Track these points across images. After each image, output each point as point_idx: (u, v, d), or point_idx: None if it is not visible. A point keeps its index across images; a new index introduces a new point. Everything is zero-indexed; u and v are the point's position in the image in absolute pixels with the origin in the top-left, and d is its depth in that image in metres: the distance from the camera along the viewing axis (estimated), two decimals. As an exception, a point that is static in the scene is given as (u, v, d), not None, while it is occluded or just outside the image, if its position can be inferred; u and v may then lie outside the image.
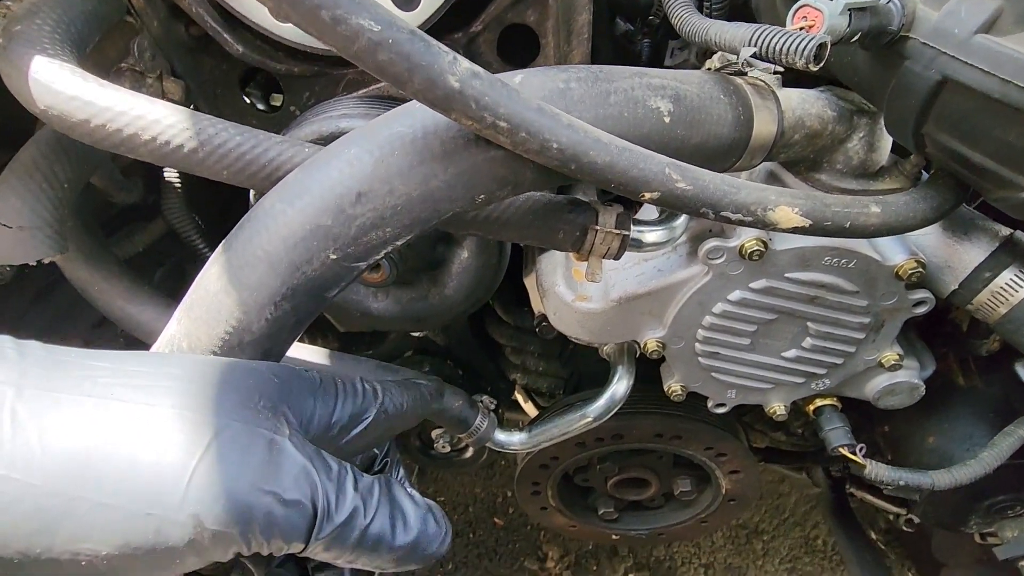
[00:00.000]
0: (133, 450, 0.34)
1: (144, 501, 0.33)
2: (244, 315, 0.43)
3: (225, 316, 0.43)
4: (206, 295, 0.44)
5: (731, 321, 0.65)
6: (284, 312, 0.44)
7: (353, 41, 0.33)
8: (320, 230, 0.41)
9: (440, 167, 0.41)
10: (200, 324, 0.45)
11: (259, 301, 0.43)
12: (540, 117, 0.38)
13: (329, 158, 0.42)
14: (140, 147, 0.46)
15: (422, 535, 0.40)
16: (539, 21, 0.62)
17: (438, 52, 0.35)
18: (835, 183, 0.59)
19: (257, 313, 0.43)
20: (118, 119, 0.45)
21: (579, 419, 0.74)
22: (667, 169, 0.43)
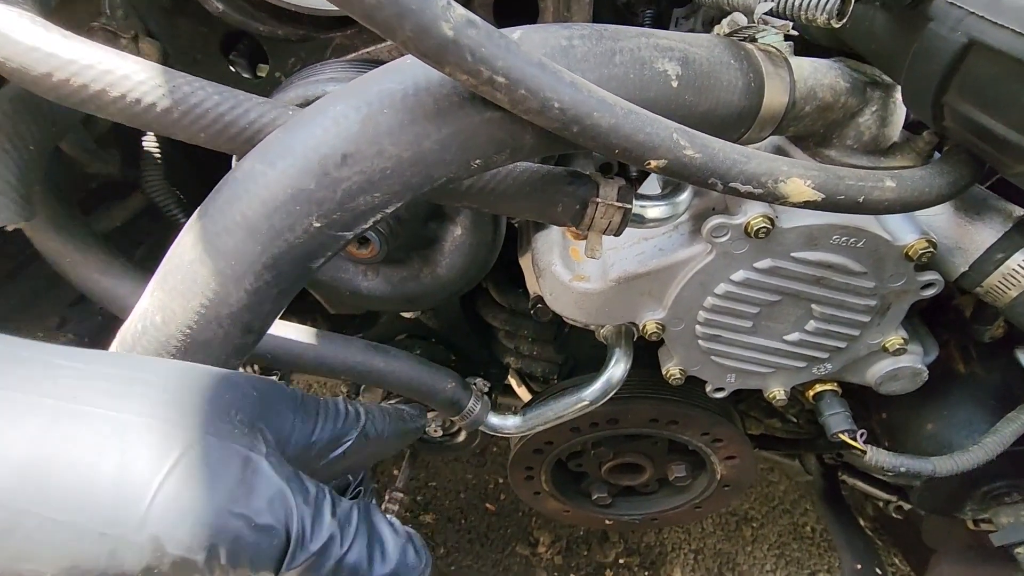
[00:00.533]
0: (92, 461, 0.30)
1: (100, 519, 0.30)
2: (221, 286, 0.40)
3: (201, 287, 0.40)
4: (180, 264, 0.41)
5: (733, 303, 0.63)
6: (265, 283, 0.41)
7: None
8: (303, 194, 0.38)
9: (433, 127, 0.38)
10: (175, 296, 0.42)
11: (237, 271, 0.40)
12: (541, 73, 0.36)
13: (313, 116, 0.39)
14: (108, 105, 0.42)
15: (400, 566, 0.38)
16: (538, -16, 0.59)
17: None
18: (845, 159, 0.56)
19: (235, 284, 0.40)
20: (83, 73, 0.41)
21: (575, 403, 0.72)
22: (675, 135, 0.40)
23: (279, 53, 0.64)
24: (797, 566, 1.87)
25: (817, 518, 1.96)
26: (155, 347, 0.43)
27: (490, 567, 1.77)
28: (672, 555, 1.84)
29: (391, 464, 1.81)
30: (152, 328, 0.43)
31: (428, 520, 1.85)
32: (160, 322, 0.42)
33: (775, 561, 1.86)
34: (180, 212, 0.75)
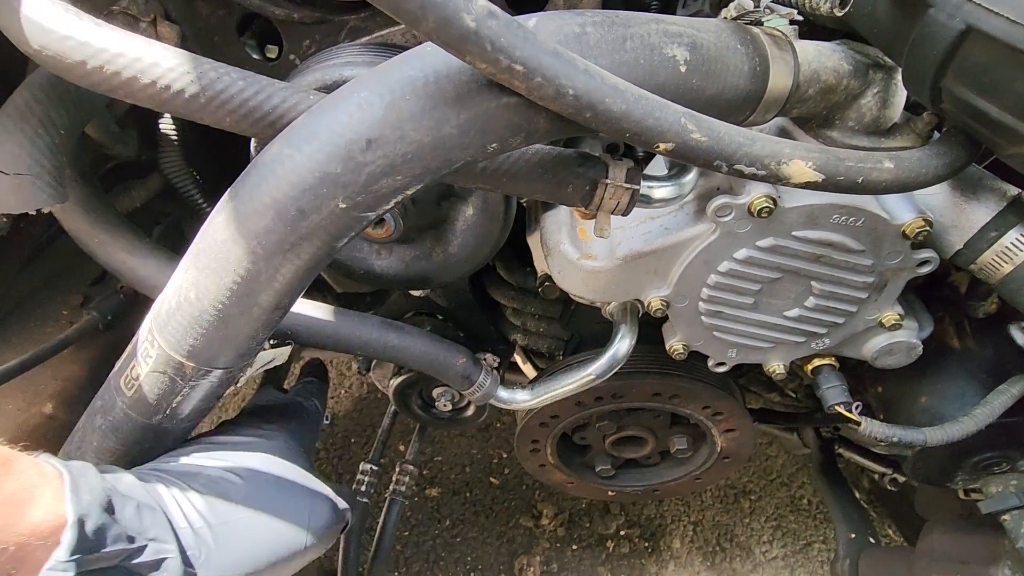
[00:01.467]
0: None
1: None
2: (252, 264, 0.42)
3: (233, 265, 0.43)
4: (214, 243, 0.43)
5: (736, 280, 0.65)
6: (292, 262, 0.43)
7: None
8: (329, 177, 0.40)
9: (452, 113, 0.40)
10: (208, 273, 0.44)
11: (268, 250, 0.42)
12: (557, 62, 0.37)
13: (338, 102, 0.41)
14: (139, 91, 0.44)
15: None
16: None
17: (456, -12, 0.34)
18: (847, 140, 0.58)
19: (265, 263, 0.42)
20: (115, 61, 0.43)
21: (582, 377, 0.75)
22: (683, 119, 0.42)
23: (294, 36, 0.66)
24: (793, 537, 1.93)
25: (813, 491, 2.01)
26: (189, 321, 0.46)
27: (494, 539, 1.82)
28: (672, 527, 1.90)
29: (399, 439, 1.86)
30: (186, 304, 0.45)
31: (434, 493, 1.90)
32: (194, 298, 0.45)
33: (772, 532, 1.92)
34: (197, 192, 0.77)
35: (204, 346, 0.47)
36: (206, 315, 0.45)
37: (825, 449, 1.33)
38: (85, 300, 0.82)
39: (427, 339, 0.72)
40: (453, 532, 1.84)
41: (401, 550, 1.77)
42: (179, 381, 0.49)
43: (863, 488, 1.92)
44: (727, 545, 1.88)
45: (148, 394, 0.50)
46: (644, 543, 1.85)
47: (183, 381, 0.49)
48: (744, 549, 1.87)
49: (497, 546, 1.81)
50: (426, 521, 1.84)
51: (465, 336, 1.04)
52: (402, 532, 1.79)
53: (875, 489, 1.89)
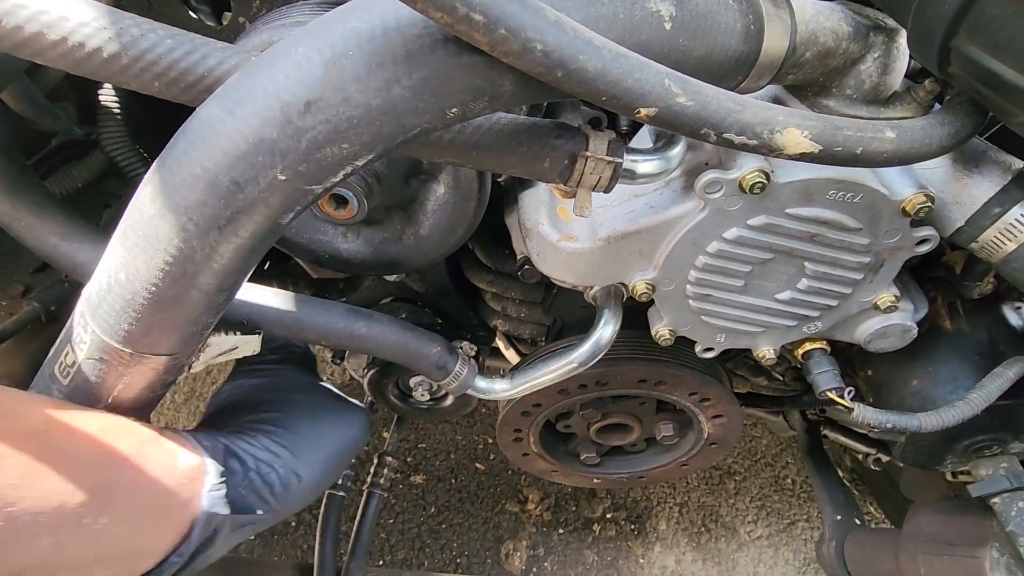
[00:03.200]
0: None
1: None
2: (184, 242, 0.37)
3: (163, 243, 0.38)
4: (140, 220, 0.38)
5: (726, 261, 0.61)
6: (230, 239, 0.38)
7: None
8: (265, 144, 0.35)
9: (404, 71, 0.35)
10: (136, 252, 0.39)
11: (201, 226, 0.37)
12: (522, 11, 0.32)
13: (273, 59, 0.35)
14: (47, 49, 0.39)
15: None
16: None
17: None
18: (845, 109, 0.54)
19: (199, 240, 0.37)
20: (16, 13, 0.37)
21: (563, 365, 0.71)
22: (666, 81, 0.37)
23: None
24: (778, 516, 1.94)
25: (797, 470, 2.02)
26: (121, 304, 0.41)
27: (480, 524, 1.81)
28: (658, 509, 1.90)
29: (379, 427, 1.82)
30: (117, 286, 0.40)
31: (419, 481, 1.88)
32: (124, 279, 0.40)
33: (757, 512, 1.93)
34: (143, 170, 0.71)
35: (141, 331, 0.42)
36: (139, 298, 0.40)
37: (811, 431, 1.32)
38: (26, 290, 0.76)
39: (398, 327, 0.68)
40: (438, 519, 1.82)
41: (386, 538, 1.75)
42: (118, 368, 0.44)
43: (846, 467, 1.94)
44: (712, 526, 1.88)
45: (86, 382, 0.45)
46: (630, 526, 1.85)
47: (122, 368, 0.44)
48: (729, 529, 1.88)
49: (483, 532, 1.80)
50: (411, 508, 1.82)
51: (444, 322, 0.99)
52: (386, 520, 1.76)
53: (858, 468, 1.90)
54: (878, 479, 1.71)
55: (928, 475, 1.12)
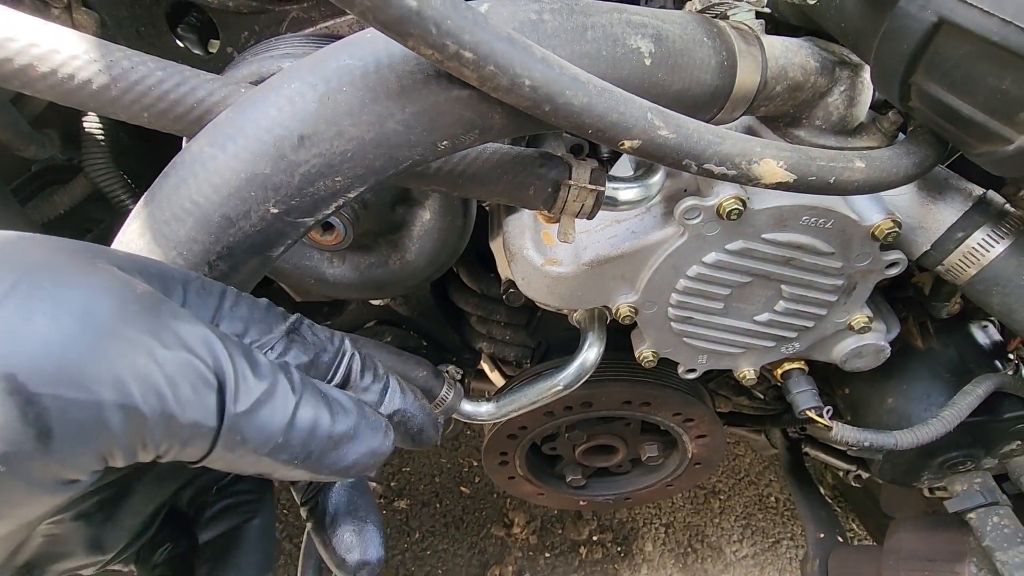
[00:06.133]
0: None
1: None
2: (172, 278, 0.37)
3: (149, 279, 0.38)
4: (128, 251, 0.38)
5: (705, 284, 0.63)
6: (221, 274, 0.38)
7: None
8: (257, 179, 0.35)
9: (396, 106, 0.36)
10: (121, 289, 0.39)
11: (190, 261, 0.37)
12: (511, 48, 0.34)
13: (266, 94, 0.36)
14: (36, 81, 0.39)
15: (363, 421, 0.31)
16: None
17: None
18: (814, 139, 0.57)
19: (188, 275, 0.37)
20: (6, 46, 0.37)
21: (549, 388, 0.71)
22: (649, 115, 0.39)
23: (231, 27, 0.60)
24: (763, 535, 1.95)
25: (780, 488, 2.04)
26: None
27: (466, 550, 1.78)
28: (644, 530, 1.89)
29: (363, 452, 1.79)
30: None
31: (403, 506, 1.85)
32: (106, 317, 0.39)
33: (742, 531, 1.93)
34: (128, 197, 0.70)
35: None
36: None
37: (793, 449, 1.34)
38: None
39: (383, 351, 0.68)
40: (423, 545, 1.78)
41: (368, 567, 1.71)
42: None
43: (827, 484, 1.96)
44: (698, 546, 1.88)
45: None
46: (616, 548, 1.84)
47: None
48: (715, 549, 1.88)
49: (468, 557, 1.77)
50: (395, 535, 1.78)
51: (429, 345, 0.99)
52: (368, 548, 1.72)
53: (839, 485, 1.93)
54: (859, 495, 1.73)
55: (906, 492, 1.14)
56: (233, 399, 0.26)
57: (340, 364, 0.35)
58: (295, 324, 0.34)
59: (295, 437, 0.28)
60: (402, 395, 0.37)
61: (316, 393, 0.30)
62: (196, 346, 0.25)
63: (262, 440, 0.27)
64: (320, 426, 0.29)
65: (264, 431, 0.27)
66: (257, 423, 0.27)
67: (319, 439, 0.29)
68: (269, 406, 0.27)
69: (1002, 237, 0.56)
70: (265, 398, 0.27)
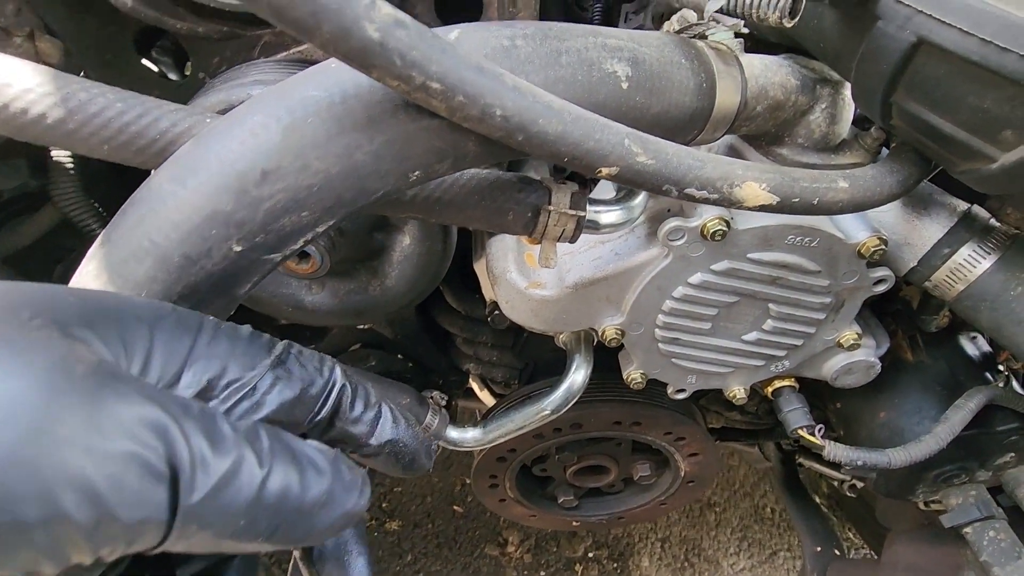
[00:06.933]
0: None
1: None
2: (130, 320, 0.35)
3: (107, 322, 0.36)
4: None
5: (692, 305, 0.62)
6: (183, 314, 0.37)
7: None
8: (219, 216, 0.34)
9: (364, 137, 0.34)
10: (78, 331, 0.37)
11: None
12: (480, 78, 0.33)
13: (228, 127, 0.34)
14: (-13, 116, 0.37)
15: (337, 483, 0.28)
16: (481, -22, 0.55)
17: (353, -6, 0.29)
18: (797, 157, 0.56)
19: (147, 317, 0.36)
20: (-46, 81, 0.36)
21: (536, 413, 0.70)
22: (626, 141, 0.38)
23: (201, 52, 0.59)
24: (759, 547, 1.93)
25: (776, 499, 2.02)
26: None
27: (459, 571, 1.75)
28: (640, 545, 1.87)
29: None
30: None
31: (394, 527, 1.81)
32: (62, 362, 0.37)
33: (738, 544, 1.91)
34: (98, 225, 0.68)
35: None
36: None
37: (786, 461, 1.33)
38: None
39: (365, 378, 0.66)
40: (415, 567, 1.75)
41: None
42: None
43: (822, 493, 1.95)
44: (695, 560, 1.86)
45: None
46: (612, 564, 1.81)
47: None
48: (712, 563, 1.86)
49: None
50: (387, 557, 1.75)
51: (415, 367, 0.97)
52: (359, 573, 1.68)
53: (835, 494, 1.91)
54: (854, 505, 1.72)
55: (902, 504, 1.13)
56: (189, 488, 0.23)
57: (329, 396, 0.32)
58: (282, 356, 0.31)
59: (261, 515, 0.25)
60: (393, 424, 0.35)
61: (286, 458, 0.27)
62: (143, 432, 0.22)
63: (223, 525, 0.24)
64: (290, 498, 0.26)
65: (225, 515, 0.24)
66: (217, 507, 0.24)
67: (288, 512, 0.26)
68: (232, 487, 0.24)
69: (988, 253, 0.56)
70: (227, 478, 0.24)
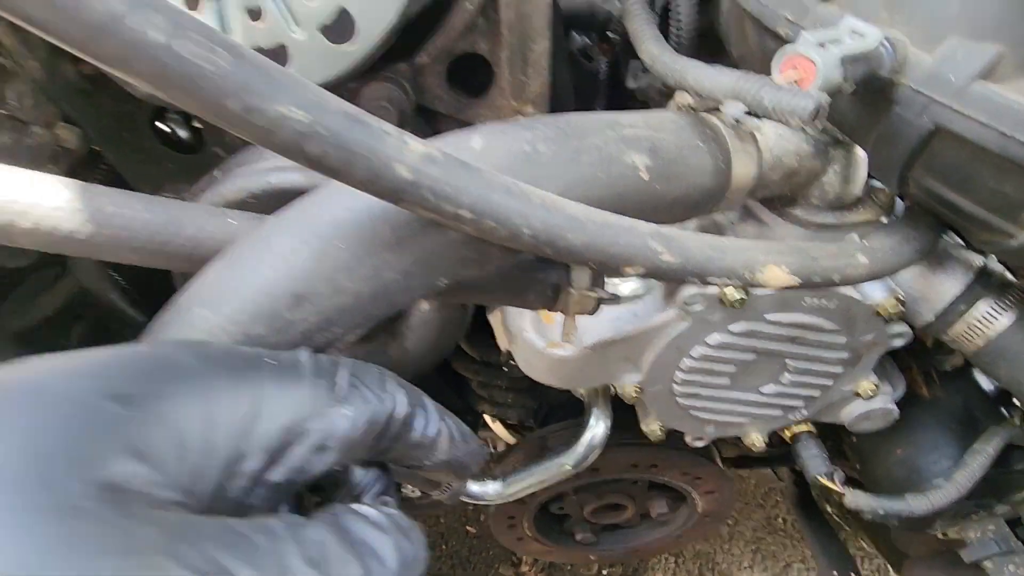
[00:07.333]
0: None
1: None
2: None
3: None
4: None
5: (710, 363, 0.62)
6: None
7: (274, 133, 0.27)
8: (253, 339, 0.34)
9: (393, 257, 0.35)
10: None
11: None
12: (508, 200, 0.33)
13: (259, 252, 0.35)
14: (20, 237, 0.38)
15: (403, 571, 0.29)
16: (492, 50, 0.56)
17: (382, 135, 0.29)
18: (811, 218, 0.56)
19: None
20: (-13, 207, 0.36)
21: (556, 468, 0.70)
22: (650, 242, 0.38)
23: (214, 127, 0.59)
24: (773, 559, 1.92)
25: (787, 509, 2.02)
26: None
27: (474, 593, 1.75)
28: (654, 562, 1.86)
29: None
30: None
31: (408, 553, 1.81)
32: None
33: (752, 556, 1.91)
34: (120, 297, 0.69)
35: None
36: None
37: (799, 482, 1.32)
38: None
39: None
40: (430, 592, 1.75)
41: (374, 620, 1.67)
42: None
43: (835, 503, 1.94)
44: (709, 574, 1.86)
45: None
46: (627, 583, 1.81)
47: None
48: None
49: (477, 602, 1.74)
50: (401, 582, 1.75)
51: (429, 409, 0.98)
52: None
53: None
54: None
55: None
56: None
57: (393, 426, 0.35)
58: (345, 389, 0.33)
59: None
60: (452, 442, 0.39)
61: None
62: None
63: None
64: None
65: None
66: None
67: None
68: None
69: (1006, 310, 0.56)
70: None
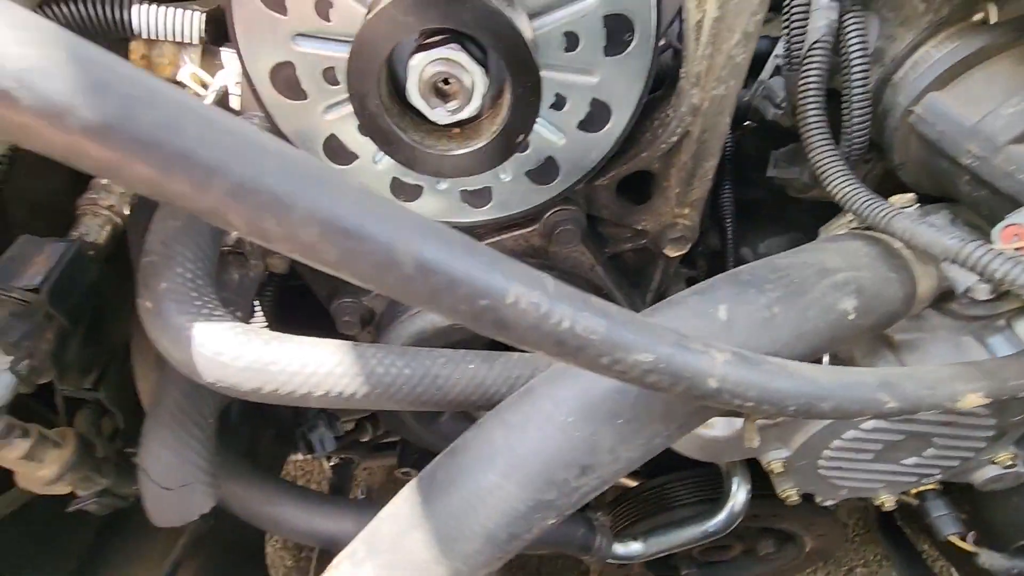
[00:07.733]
0: None
1: None
2: (457, 582, 0.41)
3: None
4: (412, 561, 0.42)
5: (860, 443, 0.66)
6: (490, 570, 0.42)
7: (626, 373, 0.31)
8: (543, 503, 0.39)
9: (663, 426, 0.39)
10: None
11: (473, 569, 0.41)
12: (786, 383, 0.37)
13: (542, 424, 0.40)
14: (314, 401, 0.43)
15: None
16: (663, 168, 0.59)
17: (700, 354, 0.33)
18: (965, 311, 0.59)
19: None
20: (291, 381, 0.42)
21: (700, 533, 0.75)
22: (878, 394, 0.42)
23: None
24: (836, 564, 1.94)
25: (848, 511, 2.03)
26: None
27: (549, 604, 1.80)
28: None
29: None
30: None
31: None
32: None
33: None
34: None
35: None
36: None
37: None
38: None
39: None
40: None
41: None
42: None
43: (914, 521, 1.93)
44: (775, 581, 1.89)
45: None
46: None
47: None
48: (795, 586, 1.88)
49: (552, 612, 1.79)
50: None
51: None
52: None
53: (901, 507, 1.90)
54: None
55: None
56: None
57: None
58: None
59: None
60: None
61: None
62: None
63: None
64: None
65: None
66: None
67: None
68: None
69: None
70: None
